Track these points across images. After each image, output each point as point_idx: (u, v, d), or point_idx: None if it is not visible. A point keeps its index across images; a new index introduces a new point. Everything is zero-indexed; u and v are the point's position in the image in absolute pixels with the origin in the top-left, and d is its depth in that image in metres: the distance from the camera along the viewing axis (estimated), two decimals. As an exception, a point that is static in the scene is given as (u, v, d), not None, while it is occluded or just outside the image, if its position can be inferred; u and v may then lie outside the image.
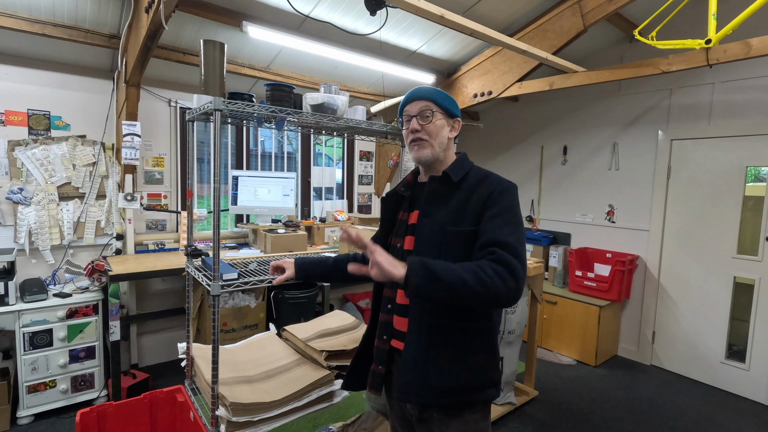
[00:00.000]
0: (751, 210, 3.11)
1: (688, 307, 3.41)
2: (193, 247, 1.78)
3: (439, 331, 1.16)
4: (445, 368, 1.16)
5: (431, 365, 1.16)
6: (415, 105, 1.23)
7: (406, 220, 1.30)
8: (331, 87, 1.80)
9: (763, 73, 3.01)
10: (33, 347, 2.46)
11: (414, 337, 1.18)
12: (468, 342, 1.18)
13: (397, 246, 1.29)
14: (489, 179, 1.20)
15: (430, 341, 1.16)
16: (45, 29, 2.45)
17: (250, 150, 3.83)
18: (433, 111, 1.21)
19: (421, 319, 1.18)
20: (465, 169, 1.24)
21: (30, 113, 2.78)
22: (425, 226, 1.20)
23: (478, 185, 1.19)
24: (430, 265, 1.01)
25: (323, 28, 2.94)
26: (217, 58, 1.62)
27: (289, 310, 3.32)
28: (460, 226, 1.16)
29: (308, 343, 1.82)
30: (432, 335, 1.16)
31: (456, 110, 1.26)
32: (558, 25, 3.08)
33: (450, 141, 1.27)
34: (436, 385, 1.15)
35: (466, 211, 1.16)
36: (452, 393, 1.16)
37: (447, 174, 1.22)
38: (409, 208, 1.31)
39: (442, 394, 1.15)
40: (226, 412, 1.43)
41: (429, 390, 1.15)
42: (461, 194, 1.19)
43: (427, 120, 1.21)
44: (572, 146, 4.10)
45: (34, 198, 2.77)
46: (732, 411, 2.92)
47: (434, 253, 1.16)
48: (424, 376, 1.16)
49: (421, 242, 1.20)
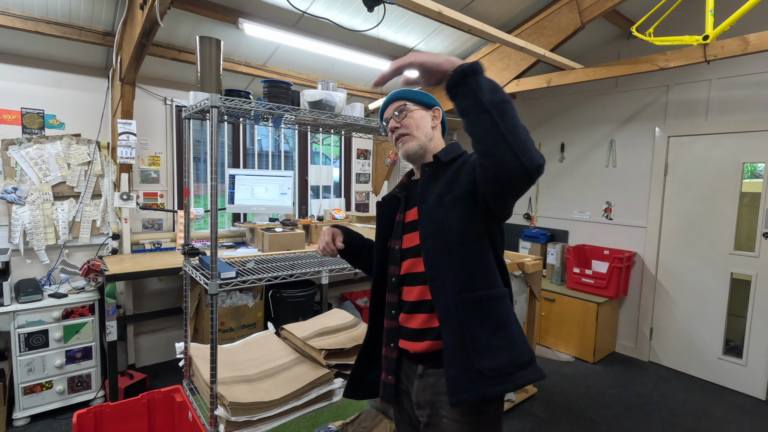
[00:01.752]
0: (748, 206, 3.12)
1: (686, 303, 3.42)
2: (190, 246, 1.76)
3: (467, 306, 1.09)
4: (488, 346, 1.07)
5: (474, 348, 1.06)
6: (390, 108, 1.27)
7: (402, 220, 1.27)
8: (329, 84, 1.79)
9: (760, 69, 3.02)
10: (29, 348, 2.44)
11: (447, 327, 1.09)
12: (500, 310, 1.11)
13: (396, 248, 1.25)
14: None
15: (463, 322, 1.07)
16: (38, 27, 2.43)
17: (247, 149, 3.81)
18: (407, 105, 1.23)
19: (447, 303, 1.10)
20: (456, 152, 1.22)
21: (24, 112, 2.75)
22: (426, 210, 1.17)
23: (468, 158, 1.17)
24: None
25: (320, 24, 2.92)
26: (214, 54, 1.61)
27: (287, 309, 3.31)
28: (455, 191, 1.12)
29: (307, 341, 1.81)
30: (462, 315, 1.08)
31: (431, 100, 1.27)
32: (555, 22, 3.07)
33: (435, 130, 1.26)
34: (484, 367, 1.05)
35: (459, 178, 1.13)
36: (504, 373, 1.06)
37: (437, 157, 1.21)
38: (405, 208, 1.28)
39: (494, 379, 1.05)
40: (225, 411, 1.42)
41: (480, 377, 1.05)
42: (453, 168, 1.17)
43: (403, 114, 1.23)
44: (570, 143, 4.10)
45: (28, 197, 2.74)
46: (729, 406, 2.94)
47: (437, 230, 1.13)
48: (471, 363, 1.05)
49: (426, 225, 1.15)
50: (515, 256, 3.09)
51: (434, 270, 1.14)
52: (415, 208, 1.23)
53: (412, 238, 1.21)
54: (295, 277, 1.68)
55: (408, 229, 1.24)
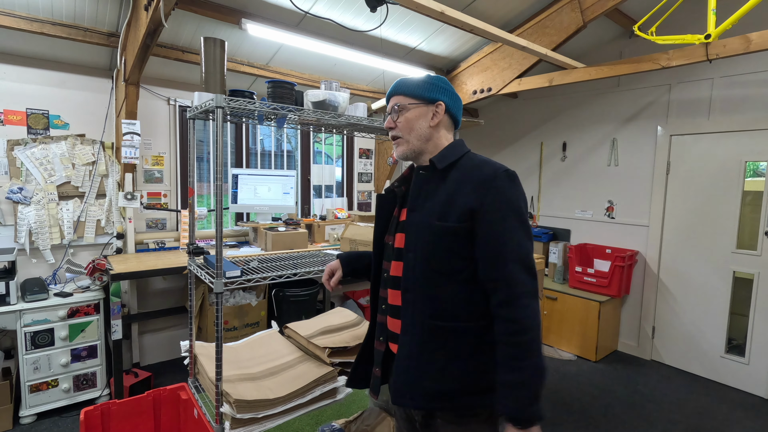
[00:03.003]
0: (750, 205, 3.12)
1: (688, 302, 3.43)
2: (195, 245, 1.78)
3: (431, 331, 1.09)
4: (441, 371, 1.09)
5: (424, 367, 1.10)
6: (391, 102, 1.19)
7: (398, 216, 1.24)
8: (332, 84, 1.80)
9: (762, 67, 3.02)
10: (34, 347, 2.46)
11: (407, 338, 1.13)
12: (464, 343, 1.09)
13: (389, 244, 1.24)
14: (485, 167, 1.08)
15: (423, 343, 1.10)
16: (43, 28, 2.44)
17: (250, 148, 3.82)
18: (402, 105, 1.16)
19: (413, 319, 1.12)
20: (455, 155, 1.14)
21: (29, 112, 2.77)
22: (413, 221, 1.13)
23: (472, 174, 1.08)
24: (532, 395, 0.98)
25: (323, 25, 2.93)
26: (218, 55, 1.62)
27: (290, 307, 3.33)
28: (447, 220, 1.06)
29: (311, 340, 1.82)
30: (425, 336, 1.10)
31: (434, 93, 1.15)
32: (557, 21, 3.08)
33: (434, 129, 1.16)
34: (430, 388, 1.09)
35: (455, 204, 1.06)
36: (447, 397, 1.09)
37: (432, 162, 1.14)
38: (402, 205, 1.24)
39: (436, 397, 1.09)
40: (230, 408, 1.44)
41: (423, 393, 1.10)
42: (449, 184, 1.10)
43: (397, 115, 1.17)
44: (572, 142, 4.10)
45: (33, 197, 2.77)
46: (732, 405, 2.94)
47: (420, 249, 1.10)
48: (416, 378, 1.10)
49: (411, 238, 1.13)
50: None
51: (410, 284, 1.13)
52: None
53: (402, 238, 1.18)
54: (299, 276, 1.70)
55: (401, 228, 1.20)
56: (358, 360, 1.37)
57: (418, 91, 1.15)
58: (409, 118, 1.15)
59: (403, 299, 1.15)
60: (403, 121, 1.16)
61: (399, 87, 1.18)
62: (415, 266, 1.12)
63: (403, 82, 1.18)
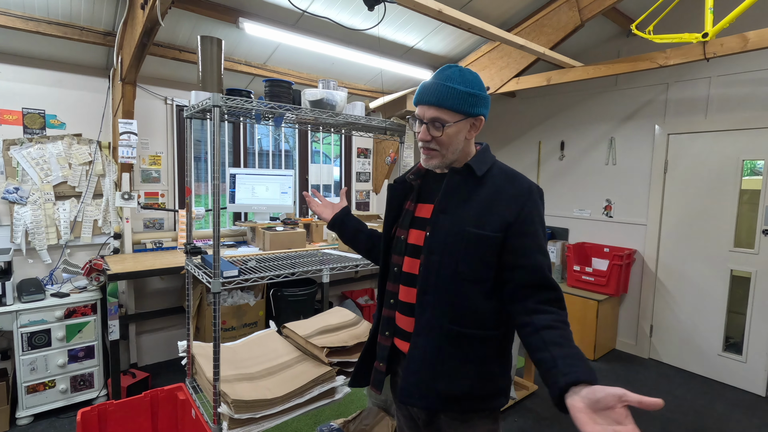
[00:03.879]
0: (748, 203, 3.13)
1: (686, 300, 3.43)
2: (192, 244, 1.77)
3: (449, 336, 1.10)
4: (454, 374, 1.10)
5: (439, 370, 1.10)
6: (427, 110, 1.08)
7: (412, 211, 1.21)
8: (330, 83, 1.80)
9: (759, 66, 3.02)
10: (31, 347, 2.45)
11: (421, 340, 1.12)
12: (481, 349, 1.11)
13: (401, 238, 1.21)
14: (518, 181, 1.11)
15: (439, 346, 1.10)
16: (39, 27, 2.43)
17: (247, 148, 3.81)
18: (442, 120, 1.07)
19: (430, 322, 1.11)
20: (488, 162, 1.14)
21: (25, 112, 2.75)
22: (442, 223, 1.11)
23: (506, 185, 1.10)
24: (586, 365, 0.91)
25: (320, 24, 2.92)
26: (215, 54, 1.61)
27: (289, 307, 3.32)
28: (483, 229, 1.06)
29: (309, 339, 1.82)
30: (441, 340, 1.10)
31: (477, 108, 1.08)
32: (555, 20, 3.08)
33: (468, 140, 1.14)
34: (443, 390, 1.10)
35: (492, 213, 1.07)
36: (458, 400, 1.10)
37: (470, 167, 1.12)
38: (417, 199, 1.22)
39: (447, 400, 1.10)
40: (228, 409, 1.43)
41: (434, 395, 1.10)
42: (486, 191, 1.10)
43: (439, 131, 1.08)
44: (570, 141, 4.11)
45: (30, 197, 2.75)
46: (729, 403, 2.95)
47: (448, 253, 1.09)
48: (430, 380, 1.10)
49: (435, 240, 1.11)
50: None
51: (430, 287, 1.12)
52: (429, 205, 1.18)
53: (419, 235, 1.17)
54: (297, 276, 1.69)
55: (417, 225, 1.19)
56: (362, 358, 1.34)
57: (463, 107, 1.07)
58: (449, 134, 1.09)
59: (421, 300, 1.13)
60: (444, 138, 1.09)
61: (442, 99, 1.06)
62: (439, 270, 1.10)
63: (447, 92, 1.06)
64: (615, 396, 0.77)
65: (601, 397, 0.79)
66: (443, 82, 1.07)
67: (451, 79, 1.07)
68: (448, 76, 1.07)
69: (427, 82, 1.09)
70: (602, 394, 0.78)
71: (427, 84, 1.09)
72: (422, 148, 1.15)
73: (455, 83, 1.06)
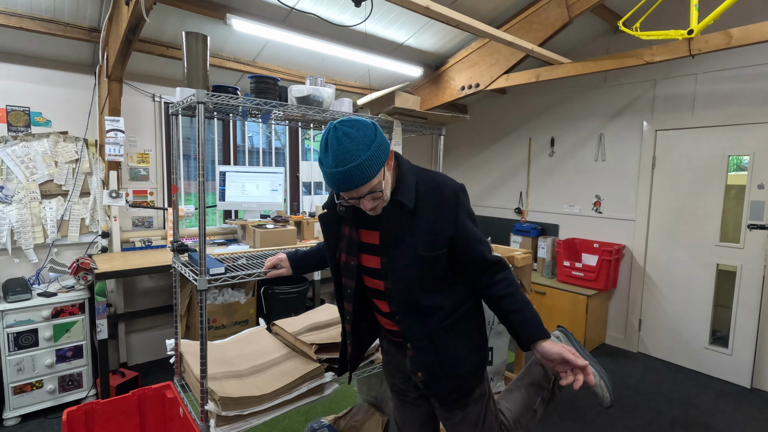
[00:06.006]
0: (734, 198, 3.17)
1: (673, 294, 3.48)
2: (179, 242, 1.76)
3: (440, 333, 1.26)
4: (462, 354, 1.29)
5: (448, 360, 1.27)
6: (358, 191, 1.10)
7: (356, 238, 1.28)
8: (317, 79, 1.79)
9: (743, 63, 3.06)
10: (18, 348, 2.42)
11: (420, 347, 1.27)
12: (468, 324, 1.31)
13: (351, 264, 1.30)
14: (441, 188, 1.20)
15: (438, 346, 1.27)
16: (22, 23, 2.39)
17: (237, 146, 3.79)
18: (374, 188, 1.10)
19: (421, 335, 1.26)
20: (412, 187, 1.19)
21: (9, 109, 2.71)
22: (395, 252, 1.20)
23: (434, 198, 1.19)
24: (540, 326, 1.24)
25: (309, 20, 2.91)
26: (200, 50, 1.60)
27: (280, 305, 3.31)
28: (434, 250, 1.20)
29: (298, 336, 1.82)
30: (435, 340, 1.26)
31: (383, 153, 1.09)
32: (544, 17, 3.09)
33: (390, 172, 1.20)
34: (462, 371, 1.29)
35: (435, 233, 1.19)
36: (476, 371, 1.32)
37: (401, 202, 1.17)
38: (355, 225, 1.28)
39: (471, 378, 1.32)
40: (215, 406, 1.43)
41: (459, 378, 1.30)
42: (423, 217, 1.18)
43: (378, 193, 1.12)
44: (559, 138, 4.13)
45: (15, 196, 2.71)
46: (716, 395, 3.00)
47: (417, 279, 1.21)
48: (449, 372, 1.28)
49: (397, 274, 1.21)
50: (506, 250, 3.11)
51: (407, 312, 1.25)
52: (372, 231, 1.26)
53: (374, 260, 1.27)
54: (285, 273, 1.68)
55: (367, 250, 1.28)
56: (342, 348, 1.51)
57: (377, 166, 1.08)
58: (383, 189, 1.14)
59: (402, 325, 1.27)
60: (380, 195, 1.14)
61: (361, 177, 1.06)
62: (408, 298, 1.23)
63: (360, 170, 1.05)
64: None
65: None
66: (350, 164, 1.05)
67: (351, 157, 1.04)
68: (347, 157, 1.05)
69: (336, 172, 1.06)
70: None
71: (338, 173, 1.06)
72: (369, 210, 1.17)
73: (358, 157, 1.05)
